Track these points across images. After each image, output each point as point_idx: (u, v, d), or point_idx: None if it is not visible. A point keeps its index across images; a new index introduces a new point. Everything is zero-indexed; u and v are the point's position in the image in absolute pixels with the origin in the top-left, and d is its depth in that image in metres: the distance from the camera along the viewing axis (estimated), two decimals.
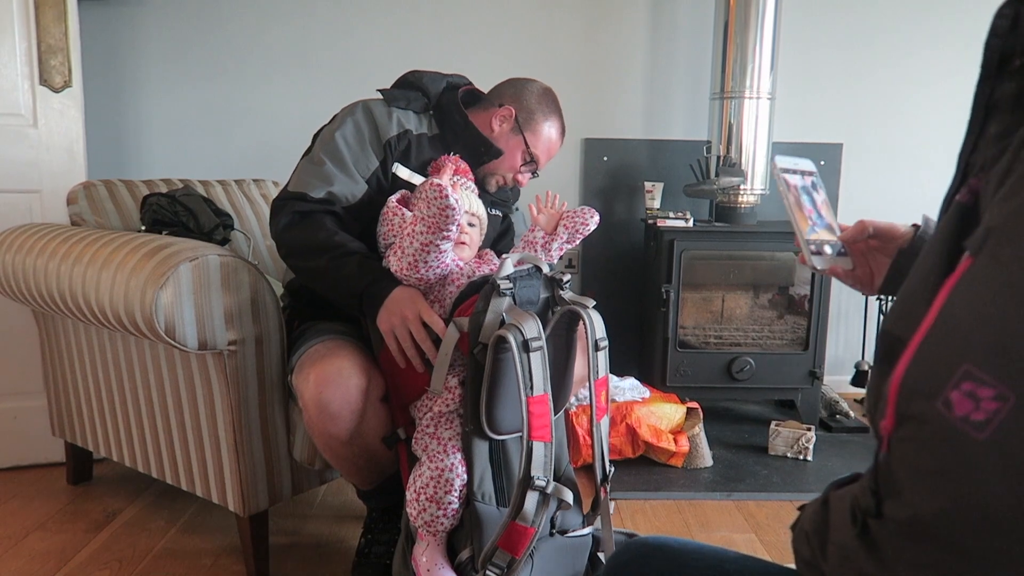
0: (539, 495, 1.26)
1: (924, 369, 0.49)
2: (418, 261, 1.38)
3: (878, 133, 2.89)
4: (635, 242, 2.88)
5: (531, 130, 1.71)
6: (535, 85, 1.75)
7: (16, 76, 2.06)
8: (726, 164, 2.56)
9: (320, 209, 1.54)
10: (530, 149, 1.71)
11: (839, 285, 2.88)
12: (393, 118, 1.63)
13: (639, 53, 2.84)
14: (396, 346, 1.41)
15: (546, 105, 1.73)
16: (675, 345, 2.53)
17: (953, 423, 0.46)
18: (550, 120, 1.73)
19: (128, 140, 2.81)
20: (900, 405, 0.50)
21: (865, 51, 2.85)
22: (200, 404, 1.61)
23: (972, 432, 0.45)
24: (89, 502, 2.02)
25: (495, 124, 1.71)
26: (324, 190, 1.55)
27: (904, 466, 0.50)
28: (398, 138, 1.62)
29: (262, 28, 2.77)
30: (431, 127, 1.70)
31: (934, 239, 0.57)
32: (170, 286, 1.43)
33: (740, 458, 2.35)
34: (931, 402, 0.47)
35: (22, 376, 2.17)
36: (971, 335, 0.47)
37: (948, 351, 0.48)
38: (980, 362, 0.45)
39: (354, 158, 1.59)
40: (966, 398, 0.45)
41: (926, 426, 0.48)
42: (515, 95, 1.73)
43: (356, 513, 1.93)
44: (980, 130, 0.57)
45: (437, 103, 1.72)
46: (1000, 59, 0.55)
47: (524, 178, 1.76)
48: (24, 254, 1.76)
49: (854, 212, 2.89)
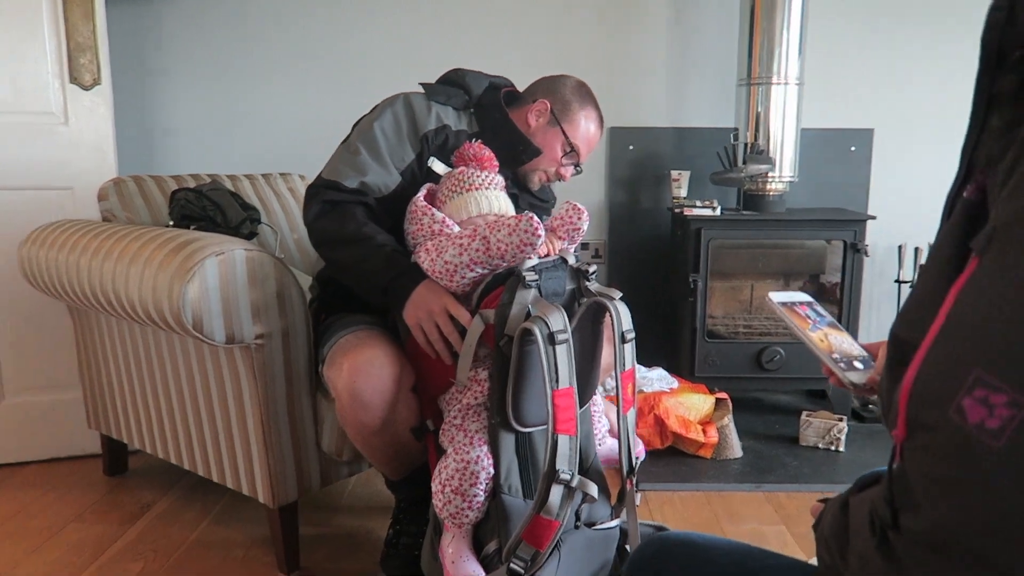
0: (564, 488, 1.25)
1: (934, 375, 0.48)
2: (456, 272, 1.37)
3: (911, 117, 2.82)
4: (662, 231, 2.85)
5: (568, 121, 1.69)
6: (569, 79, 1.75)
7: (47, 75, 2.09)
8: (754, 151, 2.52)
9: (351, 199, 1.55)
10: (569, 139, 1.69)
11: (870, 270, 2.83)
12: (432, 112, 1.63)
13: (663, 39, 2.80)
14: (423, 339, 1.42)
15: (581, 96, 1.72)
16: (703, 335, 2.50)
17: (967, 431, 0.45)
18: (586, 110, 1.72)
19: (157, 136, 2.84)
20: (911, 413, 0.49)
21: (897, 32, 2.78)
22: (229, 397, 1.63)
23: (987, 440, 0.44)
24: (124, 493, 2.06)
25: (531, 119, 1.70)
26: (357, 180, 1.55)
27: (919, 477, 0.49)
28: (436, 132, 1.62)
29: (288, 23, 2.78)
30: (471, 125, 1.70)
31: (942, 239, 0.56)
32: (197, 281, 1.44)
33: (770, 449, 2.32)
34: (943, 409, 0.46)
35: (58, 369, 2.21)
36: (981, 339, 0.45)
37: (958, 356, 0.46)
38: (991, 367, 0.44)
39: (390, 149, 1.59)
40: (979, 405, 0.44)
41: (939, 435, 0.47)
42: (549, 89, 1.73)
43: (385, 504, 1.94)
44: (982, 124, 0.55)
45: (478, 102, 1.71)
46: (999, 52, 0.54)
47: (567, 172, 1.74)
48: (57, 250, 1.79)
49: (885, 199, 2.83)
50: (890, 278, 2.85)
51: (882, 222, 2.72)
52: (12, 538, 1.82)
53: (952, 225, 0.55)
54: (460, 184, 1.51)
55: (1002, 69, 0.54)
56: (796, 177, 2.59)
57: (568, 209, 1.49)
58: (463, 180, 1.51)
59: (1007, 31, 0.53)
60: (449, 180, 1.53)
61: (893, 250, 2.82)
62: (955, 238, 0.54)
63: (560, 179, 1.75)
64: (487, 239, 1.34)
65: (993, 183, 0.51)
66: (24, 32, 2.06)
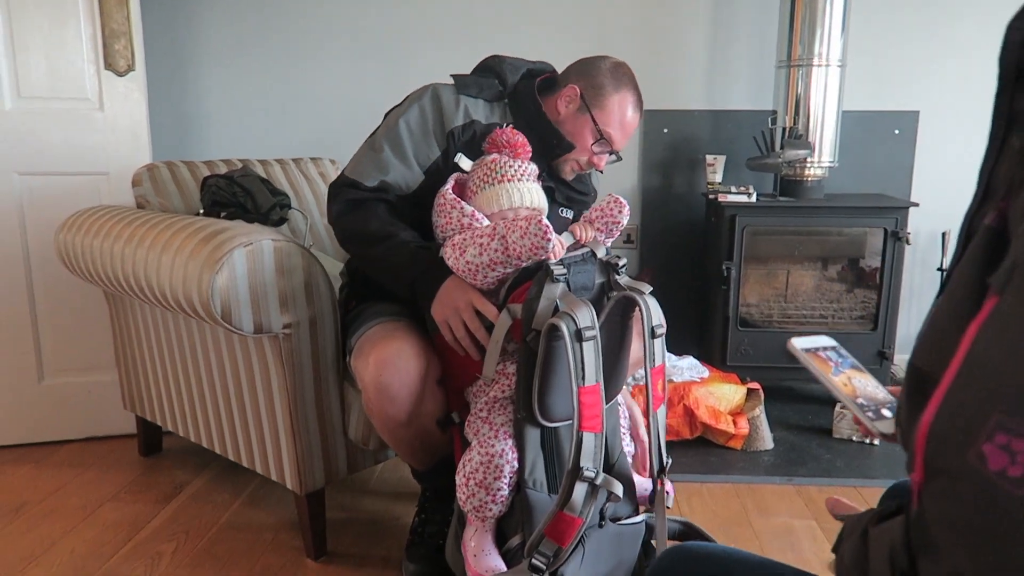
0: (588, 486, 1.24)
1: (953, 419, 0.46)
2: (479, 272, 1.36)
3: (958, 99, 2.72)
4: (695, 217, 2.80)
5: (599, 106, 1.60)
6: (605, 60, 1.64)
7: (82, 61, 2.12)
8: (792, 136, 2.45)
9: (372, 197, 1.53)
10: (599, 127, 1.60)
11: (912, 257, 2.75)
12: (461, 106, 1.58)
13: (700, 20, 2.73)
14: (451, 336, 1.41)
15: (616, 78, 1.62)
16: (736, 323, 2.46)
17: (988, 478, 0.43)
18: (621, 92, 1.61)
19: (190, 121, 2.86)
20: (929, 457, 0.47)
21: (944, 10, 2.67)
22: (257, 385, 1.64)
23: (1009, 488, 0.42)
24: (159, 473, 2.10)
25: (561, 106, 1.62)
26: (378, 179, 1.53)
27: (938, 522, 0.47)
28: (463, 128, 1.57)
29: (319, 7, 2.77)
30: (504, 117, 1.64)
31: (963, 267, 0.53)
32: (225, 271, 1.45)
33: (802, 441, 2.28)
34: (962, 455, 0.44)
35: (96, 352, 2.26)
36: (1001, 383, 0.44)
37: (977, 400, 0.45)
38: (1013, 412, 0.43)
39: (415, 146, 1.56)
40: (1000, 451, 0.43)
41: (960, 482, 0.45)
42: (582, 72, 1.64)
43: (411, 491, 1.96)
44: (1001, 144, 0.54)
45: (513, 91, 1.65)
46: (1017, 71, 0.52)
47: (600, 160, 1.65)
48: (92, 237, 1.82)
49: (930, 185, 2.74)
50: (933, 266, 2.76)
51: (926, 208, 2.64)
52: (51, 517, 1.87)
53: (972, 254, 0.53)
54: (492, 174, 1.47)
55: (1020, 87, 0.52)
56: (836, 162, 2.52)
57: (609, 201, 1.46)
58: (495, 170, 1.47)
59: None
60: (480, 169, 1.48)
61: (937, 237, 2.73)
62: (976, 268, 0.52)
63: (594, 168, 1.68)
64: (505, 239, 1.32)
65: (1015, 212, 0.49)
66: (60, 20, 2.08)
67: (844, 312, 2.56)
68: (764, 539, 1.77)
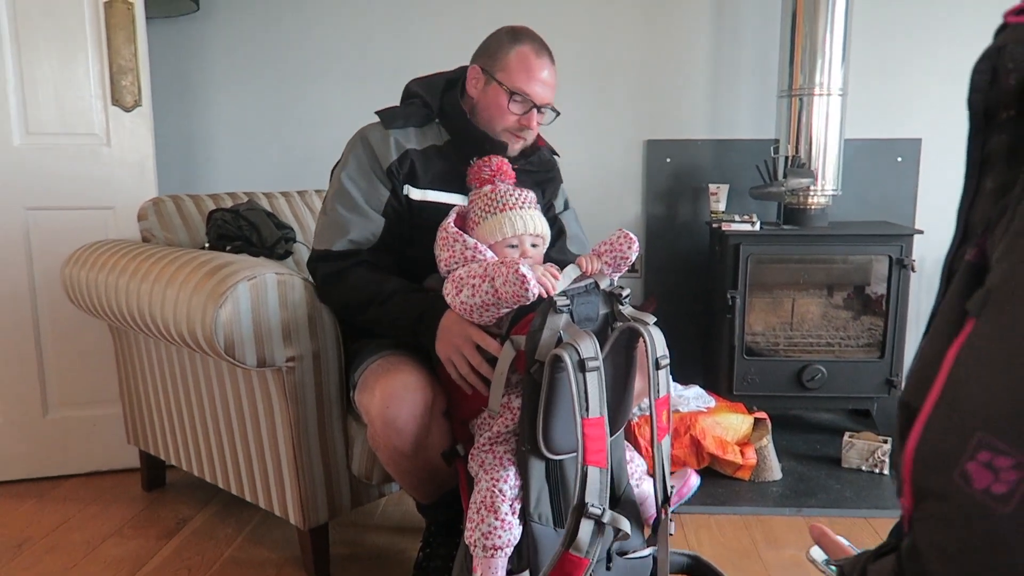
0: (594, 524, 1.23)
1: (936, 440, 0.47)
2: (474, 312, 1.35)
3: (960, 126, 2.72)
4: (700, 246, 2.81)
5: (500, 68, 1.58)
6: (500, 29, 1.64)
7: (90, 97, 2.14)
8: (795, 164, 2.46)
9: (346, 265, 1.54)
10: (506, 86, 1.57)
11: (918, 285, 2.74)
12: (390, 142, 1.58)
13: (702, 50, 2.76)
14: (456, 373, 1.40)
15: (511, 37, 1.60)
16: (742, 352, 2.45)
17: (974, 497, 0.44)
18: (517, 46, 1.58)
19: (196, 155, 2.89)
20: (916, 480, 0.48)
21: (942, 38, 2.69)
22: (261, 419, 1.64)
23: (995, 506, 0.43)
24: (162, 508, 2.09)
25: (472, 90, 1.62)
26: (344, 241, 1.55)
27: (929, 547, 0.47)
28: (399, 162, 1.58)
29: (323, 39, 2.81)
30: (440, 135, 1.65)
31: (947, 302, 0.55)
32: (229, 305, 1.45)
33: (811, 471, 2.25)
34: (948, 476, 0.45)
35: (100, 386, 2.26)
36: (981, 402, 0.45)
37: (959, 420, 0.46)
38: (994, 430, 0.43)
39: (365, 196, 1.57)
40: (984, 469, 0.43)
41: (946, 503, 0.46)
42: (480, 50, 1.64)
43: (416, 525, 1.94)
44: (976, 186, 0.55)
45: (440, 109, 1.65)
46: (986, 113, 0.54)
47: (530, 120, 1.60)
48: (97, 271, 1.82)
49: (935, 210, 2.74)
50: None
51: (930, 235, 2.63)
52: (53, 553, 1.85)
53: (954, 288, 0.54)
54: (492, 204, 1.47)
55: (991, 130, 0.54)
56: (839, 190, 2.52)
57: (619, 236, 1.46)
58: (495, 200, 1.47)
59: (991, 93, 0.53)
60: (479, 200, 1.49)
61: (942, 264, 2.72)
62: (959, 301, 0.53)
63: (528, 129, 1.62)
64: (494, 281, 1.31)
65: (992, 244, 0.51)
66: (69, 57, 2.11)
67: (851, 340, 2.54)
68: (774, 572, 1.74)
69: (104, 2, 2.10)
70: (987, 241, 0.52)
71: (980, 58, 0.54)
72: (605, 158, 2.83)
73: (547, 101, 1.61)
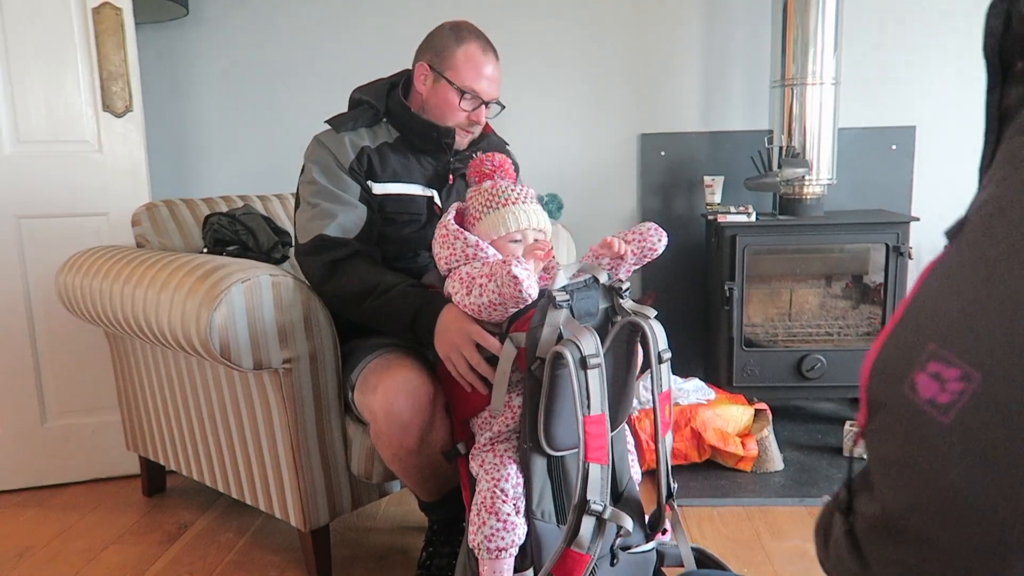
0: (595, 520, 1.22)
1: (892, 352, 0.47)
2: (483, 311, 1.33)
3: (955, 113, 2.72)
4: (696, 238, 2.80)
5: (448, 67, 1.62)
6: (443, 25, 1.68)
7: (81, 104, 2.13)
8: (789, 155, 2.45)
9: (343, 255, 1.55)
10: (456, 84, 1.62)
11: (916, 272, 2.74)
12: (345, 142, 1.62)
13: (694, 42, 2.75)
14: (455, 371, 1.39)
15: (457, 35, 1.64)
16: (741, 344, 2.44)
17: (918, 406, 0.44)
18: (463, 45, 1.63)
19: (189, 159, 2.88)
20: (871, 392, 0.48)
21: (933, 25, 2.69)
22: (259, 421, 1.63)
23: (936, 415, 0.43)
24: (162, 513, 2.08)
25: (420, 88, 1.67)
26: (335, 225, 1.55)
27: (874, 459, 0.48)
28: (357, 160, 1.61)
29: (316, 43, 2.80)
30: (389, 133, 1.69)
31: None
32: (223, 307, 1.44)
33: (813, 461, 2.25)
34: (898, 386, 0.46)
35: (98, 393, 2.25)
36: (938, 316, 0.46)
37: (915, 333, 0.46)
38: (945, 341, 0.44)
39: (342, 188, 1.59)
40: (932, 380, 0.44)
41: (891, 412, 0.46)
42: (426, 47, 1.68)
43: (418, 525, 1.93)
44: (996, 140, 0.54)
45: (387, 110, 1.70)
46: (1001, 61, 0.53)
47: (477, 115, 1.66)
48: (91, 277, 1.82)
49: (930, 198, 2.74)
50: None
51: (927, 222, 2.63)
52: (54, 561, 1.85)
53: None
54: (493, 199, 1.45)
55: (1008, 82, 0.53)
56: (834, 179, 2.52)
57: (650, 229, 1.45)
58: (496, 195, 1.45)
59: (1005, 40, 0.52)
60: (479, 196, 1.46)
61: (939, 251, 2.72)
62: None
63: (476, 124, 1.67)
64: (491, 277, 1.30)
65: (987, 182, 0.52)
66: (58, 64, 2.10)
67: (850, 329, 2.54)
68: (778, 563, 1.74)
69: (92, 8, 2.09)
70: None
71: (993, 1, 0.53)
72: (600, 153, 2.82)
73: (494, 96, 1.67)
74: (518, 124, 2.65)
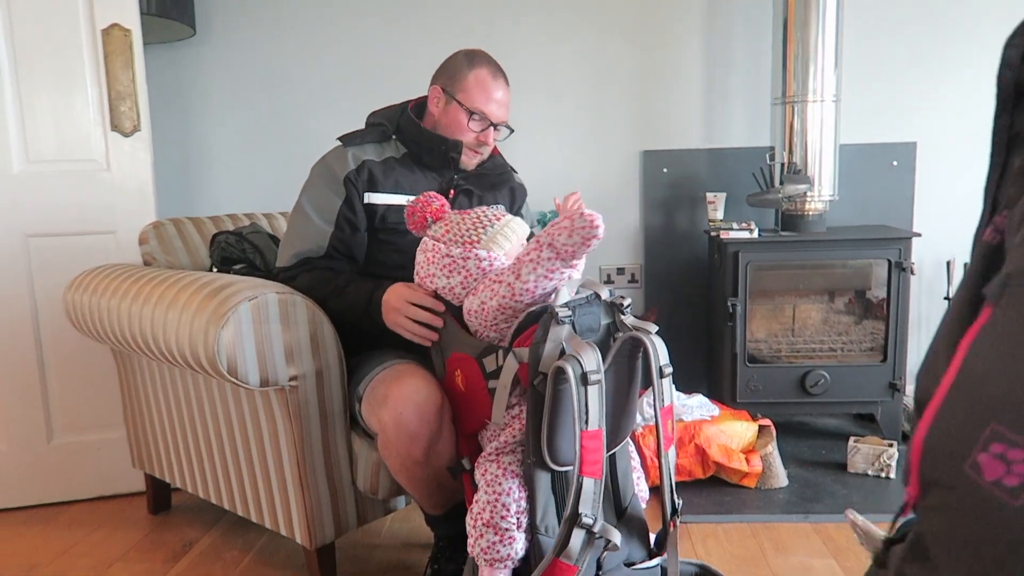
0: (585, 533, 1.23)
1: (948, 430, 0.46)
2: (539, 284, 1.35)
3: (955, 128, 2.74)
4: (699, 255, 2.81)
5: (460, 90, 1.71)
6: (457, 52, 1.77)
7: (89, 123, 2.16)
8: (791, 171, 2.47)
9: (297, 272, 1.66)
10: (466, 106, 1.69)
11: (918, 287, 2.75)
12: (347, 156, 1.70)
13: (695, 60, 2.78)
14: (408, 333, 1.49)
15: (469, 60, 1.73)
16: (744, 360, 2.45)
17: (984, 489, 0.43)
18: (475, 69, 1.71)
19: (196, 177, 2.91)
20: (924, 470, 0.47)
21: (935, 42, 2.71)
22: (265, 439, 1.64)
23: (1006, 499, 0.42)
24: (168, 531, 2.08)
25: (433, 109, 1.75)
26: (292, 256, 1.67)
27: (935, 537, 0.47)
28: (357, 171, 1.68)
29: (321, 60, 2.83)
30: (397, 149, 1.76)
31: (961, 286, 0.54)
32: (231, 325, 1.46)
33: (817, 477, 2.25)
34: (958, 466, 0.44)
35: (104, 410, 2.26)
36: (996, 392, 0.44)
37: (972, 409, 0.44)
38: (1009, 422, 0.42)
39: (318, 210, 1.67)
40: (996, 460, 0.42)
41: (955, 493, 0.45)
42: (440, 72, 1.76)
43: (423, 541, 1.93)
44: (1004, 164, 0.54)
45: (398, 127, 1.77)
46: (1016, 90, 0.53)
47: (486, 136, 1.73)
48: (99, 295, 1.83)
49: (931, 213, 2.75)
50: (939, 295, 2.76)
51: (929, 238, 2.64)
52: None
53: (970, 271, 0.53)
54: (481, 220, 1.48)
55: (1020, 108, 0.53)
56: (836, 195, 2.53)
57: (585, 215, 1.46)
58: (480, 219, 1.48)
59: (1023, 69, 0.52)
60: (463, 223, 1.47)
61: (942, 266, 2.73)
62: (972, 284, 0.52)
63: (484, 145, 1.75)
64: (553, 245, 1.33)
65: (1010, 226, 0.50)
66: (67, 84, 2.13)
67: (853, 344, 2.54)
68: None
69: (102, 29, 2.12)
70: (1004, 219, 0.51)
71: (1013, 33, 0.53)
72: (603, 170, 2.84)
73: (502, 120, 1.75)
74: (522, 142, 2.67)
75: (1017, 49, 0.52)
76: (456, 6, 2.77)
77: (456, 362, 1.48)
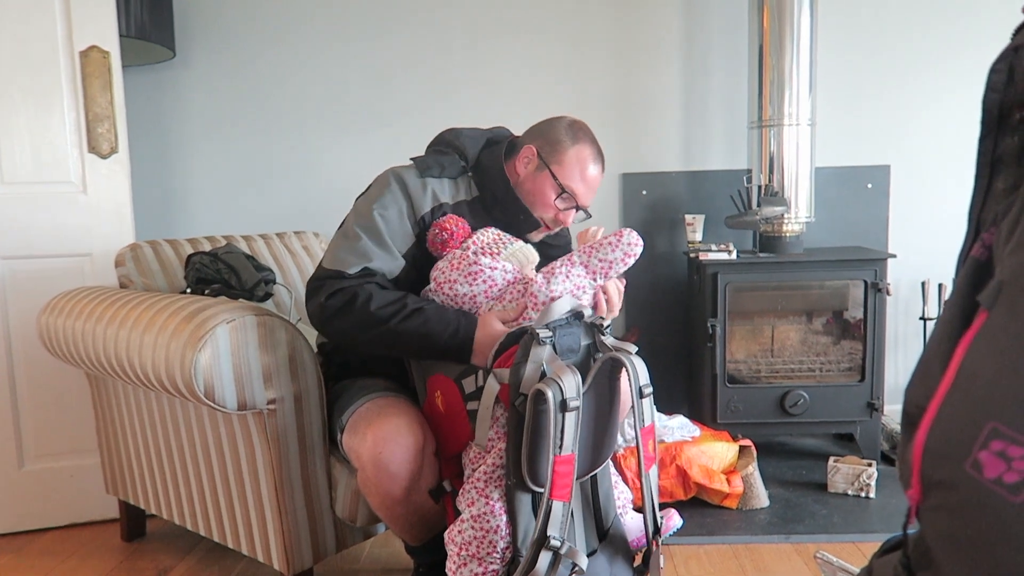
0: (552, 555, 1.23)
1: (948, 431, 0.47)
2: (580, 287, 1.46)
3: (928, 151, 2.79)
4: (678, 276, 2.83)
5: (557, 161, 1.58)
6: (562, 119, 1.64)
7: (66, 145, 2.14)
8: (768, 193, 2.50)
9: (361, 283, 1.47)
10: (559, 181, 1.57)
11: (895, 308, 2.78)
12: (428, 191, 1.56)
13: (673, 84, 2.82)
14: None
15: (572, 133, 1.60)
16: (724, 381, 2.46)
17: (985, 486, 0.43)
18: (578, 145, 1.59)
19: (174, 199, 2.89)
20: (925, 471, 0.48)
21: (908, 67, 2.77)
22: (242, 463, 1.62)
23: (1006, 495, 0.43)
24: (142, 560, 2.04)
25: (520, 167, 1.60)
26: (361, 265, 1.48)
27: (936, 537, 0.47)
28: (432, 213, 1.55)
29: (300, 84, 2.83)
30: (470, 190, 1.63)
31: (952, 298, 0.55)
32: (208, 348, 1.44)
33: (798, 497, 2.26)
34: (959, 465, 0.45)
35: (78, 436, 2.22)
36: (995, 392, 0.45)
37: (972, 410, 0.45)
38: (1008, 419, 0.43)
39: (391, 233, 1.52)
40: (996, 458, 0.43)
41: (956, 492, 0.45)
42: (538, 132, 1.63)
43: (402, 566, 1.91)
44: (988, 186, 0.56)
45: (476, 164, 1.64)
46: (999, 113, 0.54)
47: (566, 216, 1.62)
48: (74, 318, 1.81)
49: (906, 234, 2.79)
50: (915, 315, 2.79)
51: (904, 258, 2.68)
52: None
53: (959, 284, 0.55)
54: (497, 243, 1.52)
55: (1003, 131, 0.54)
56: (812, 217, 2.57)
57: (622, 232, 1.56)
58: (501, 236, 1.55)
59: (1008, 92, 0.54)
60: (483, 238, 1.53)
61: (917, 286, 2.77)
62: (962, 296, 0.53)
63: (561, 225, 1.64)
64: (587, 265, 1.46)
65: (998, 240, 0.51)
66: (44, 106, 2.11)
67: (832, 364, 2.56)
68: None
69: (80, 51, 2.12)
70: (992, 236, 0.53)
71: (997, 58, 0.54)
72: None
73: (586, 204, 1.64)
74: None
75: (1001, 74, 0.54)
76: (437, 29, 2.79)
77: (436, 383, 1.47)
